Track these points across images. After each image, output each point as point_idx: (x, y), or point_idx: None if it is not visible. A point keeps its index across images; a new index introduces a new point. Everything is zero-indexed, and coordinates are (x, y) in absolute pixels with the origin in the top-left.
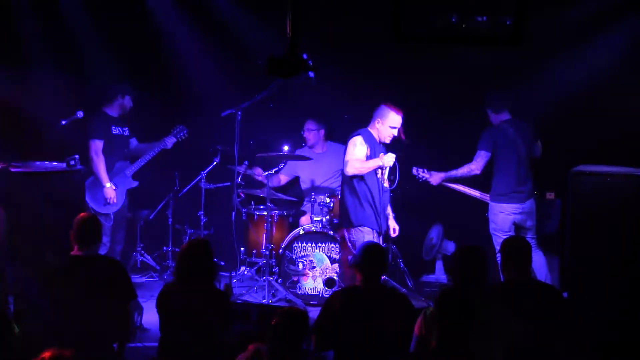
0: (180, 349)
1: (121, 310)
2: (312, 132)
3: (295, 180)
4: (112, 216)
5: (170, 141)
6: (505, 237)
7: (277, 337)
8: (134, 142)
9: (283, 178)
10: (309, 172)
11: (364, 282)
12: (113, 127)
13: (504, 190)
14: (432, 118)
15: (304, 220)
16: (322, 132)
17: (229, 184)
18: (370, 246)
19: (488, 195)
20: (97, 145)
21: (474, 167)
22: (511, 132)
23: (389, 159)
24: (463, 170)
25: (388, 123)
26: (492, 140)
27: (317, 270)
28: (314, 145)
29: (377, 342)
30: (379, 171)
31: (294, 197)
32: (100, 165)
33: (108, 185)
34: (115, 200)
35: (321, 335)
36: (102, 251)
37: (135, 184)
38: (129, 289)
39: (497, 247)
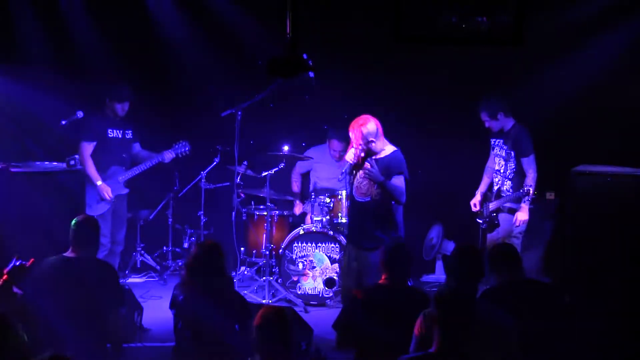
0: (195, 352)
1: (109, 314)
2: (337, 152)
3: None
4: (106, 216)
5: (168, 156)
6: (521, 239)
7: (264, 341)
8: (136, 147)
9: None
10: (328, 172)
11: (388, 281)
12: (109, 130)
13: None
14: (432, 118)
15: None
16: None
17: (228, 184)
18: (394, 245)
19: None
20: (86, 147)
21: (536, 173)
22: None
23: (347, 155)
24: (532, 185)
25: None
26: (531, 141)
27: (317, 270)
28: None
29: (398, 341)
30: (353, 183)
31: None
32: (91, 167)
33: (99, 183)
34: (111, 195)
35: (344, 332)
36: (101, 253)
37: (125, 191)
38: (117, 295)
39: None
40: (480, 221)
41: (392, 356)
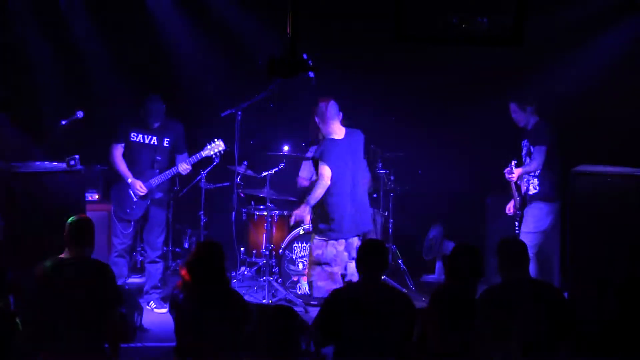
0: (195, 351)
1: (106, 314)
2: None
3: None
4: (132, 224)
5: (183, 168)
6: (540, 237)
7: (271, 339)
8: (182, 157)
9: (304, 178)
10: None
11: (364, 280)
12: (133, 134)
13: (556, 190)
14: (432, 118)
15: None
16: None
17: (228, 184)
18: (369, 243)
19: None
20: (114, 148)
21: (539, 163)
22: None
23: None
24: (532, 166)
25: None
26: (550, 136)
27: None
28: None
29: (376, 339)
30: None
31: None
32: (120, 166)
33: (130, 180)
34: (144, 189)
35: (321, 331)
36: (112, 254)
37: (159, 194)
38: (114, 295)
39: (534, 249)
40: (517, 224)
41: (369, 354)
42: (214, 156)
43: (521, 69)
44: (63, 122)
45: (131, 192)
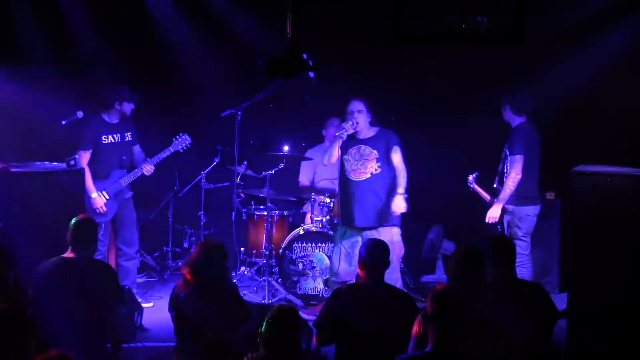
0: (195, 351)
1: (108, 315)
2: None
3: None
4: (102, 225)
5: (147, 169)
6: (528, 240)
7: (272, 338)
8: (136, 149)
9: (305, 179)
10: (328, 172)
11: (367, 279)
12: (104, 136)
13: (532, 193)
14: (432, 118)
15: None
16: None
17: (228, 184)
18: (373, 242)
19: (494, 198)
20: (82, 156)
21: (518, 174)
22: (534, 133)
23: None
24: (512, 184)
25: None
26: (525, 142)
27: (317, 270)
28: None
29: (379, 339)
30: (345, 162)
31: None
32: (86, 177)
33: (94, 195)
34: (104, 209)
35: (323, 330)
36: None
37: (129, 193)
38: (116, 295)
39: (524, 253)
40: (498, 226)
41: (371, 353)
42: (180, 150)
43: (521, 69)
44: (63, 122)
45: (104, 192)
